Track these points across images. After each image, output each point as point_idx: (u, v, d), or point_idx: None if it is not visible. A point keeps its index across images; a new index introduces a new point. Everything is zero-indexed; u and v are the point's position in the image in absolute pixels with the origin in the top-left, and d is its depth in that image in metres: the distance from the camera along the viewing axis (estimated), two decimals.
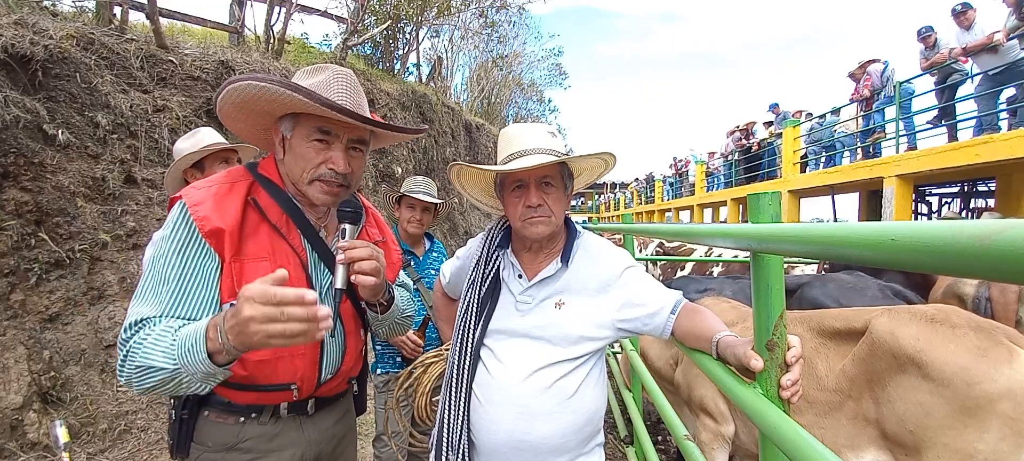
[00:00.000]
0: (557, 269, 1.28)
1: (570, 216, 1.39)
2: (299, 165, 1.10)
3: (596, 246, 1.34)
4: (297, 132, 1.10)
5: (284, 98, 1.03)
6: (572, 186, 1.33)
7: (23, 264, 3.38)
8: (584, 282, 1.28)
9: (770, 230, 0.88)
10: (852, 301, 2.73)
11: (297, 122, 1.09)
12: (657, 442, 3.44)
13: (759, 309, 0.97)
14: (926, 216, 12.10)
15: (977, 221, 0.46)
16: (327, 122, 1.09)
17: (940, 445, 1.62)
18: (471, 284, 1.34)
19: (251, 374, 1.09)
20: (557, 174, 1.26)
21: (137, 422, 3.43)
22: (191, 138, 1.93)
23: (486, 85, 15.58)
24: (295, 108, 1.07)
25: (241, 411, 1.13)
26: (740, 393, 0.98)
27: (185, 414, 1.12)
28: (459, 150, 9.63)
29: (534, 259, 1.33)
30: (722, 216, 16.88)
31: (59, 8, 4.66)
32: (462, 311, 1.33)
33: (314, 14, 7.80)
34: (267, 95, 1.03)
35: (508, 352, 1.25)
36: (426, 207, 2.33)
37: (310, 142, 1.09)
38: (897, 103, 7.92)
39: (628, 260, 1.32)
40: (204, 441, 1.12)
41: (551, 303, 1.26)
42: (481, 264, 1.35)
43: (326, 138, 1.09)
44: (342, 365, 1.23)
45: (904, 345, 1.73)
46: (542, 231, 1.25)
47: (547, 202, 1.23)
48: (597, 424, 1.31)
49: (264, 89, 1.02)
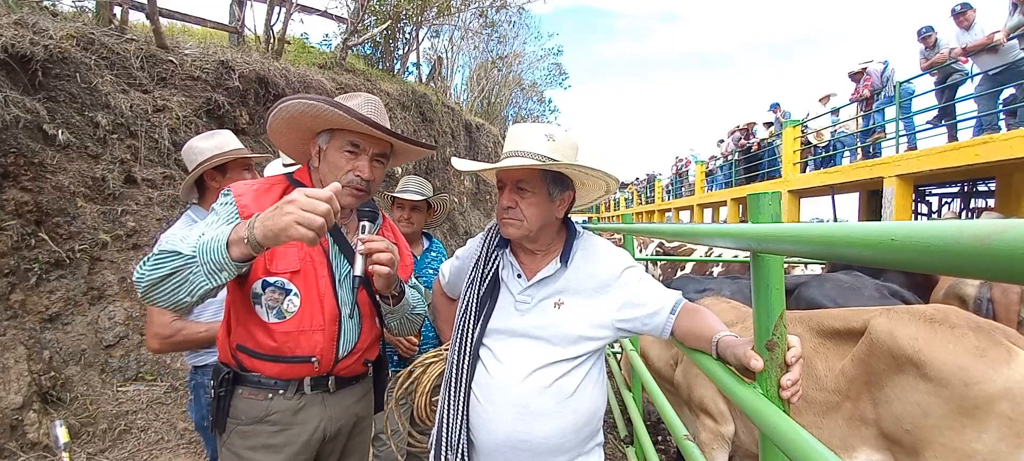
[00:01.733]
0: (556, 269, 1.28)
1: (570, 216, 1.38)
2: (330, 171, 1.29)
3: (596, 246, 1.34)
4: (332, 143, 1.30)
5: (327, 114, 1.23)
6: (564, 193, 1.29)
7: (23, 264, 3.37)
8: (583, 282, 1.28)
9: (770, 230, 0.88)
10: (849, 301, 2.72)
11: (333, 135, 1.30)
12: (657, 442, 3.44)
13: (759, 309, 0.97)
14: (926, 216, 12.09)
15: (977, 221, 0.46)
16: (358, 136, 1.29)
17: (938, 445, 1.62)
18: (470, 283, 1.35)
19: (279, 345, 1.26)
20: (536, 179, 1.24)
21: (137, 422, 3.43)
22: (212, 139, 1.88)
23: (486, 85, 15.58)
24: (334, 124, 1.28)
25: (270, 386, 1.28)
26: (740, 393, 0.98)
27: (222, 391, 1.28)
28: (459, 150, 9.62)
29: (532, 259, 1.33)
30: (722, 216, 16.88)
31: (59, 8, 4.66)
32: (461, 310, 1.34)
33: (314, 14, 7.80)
34: (313, 111, 1.24)
35: (507, 352, 1.26)
36: (416, 206, 2.34)
37: (342, 152, 1.29)
38: (897, 103, 7.93)
39: (628, 260, 1.32)
40: (238, 416, 1.28)
41: (550, 303, 1.27)
42: (480, 263, 1.36)
43: (355, 150, 1.29)
44: (358, 344, 1.37)
45: (903, 345, 1.73)
46: (511, 233, 1.26)
47: (520, 205, 1.23)
48: (596, 424, 1.32)
49: (312, 106, 1.22)
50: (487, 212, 11.23)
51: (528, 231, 1.25)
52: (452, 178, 9.25)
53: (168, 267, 1.04)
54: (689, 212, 18.52)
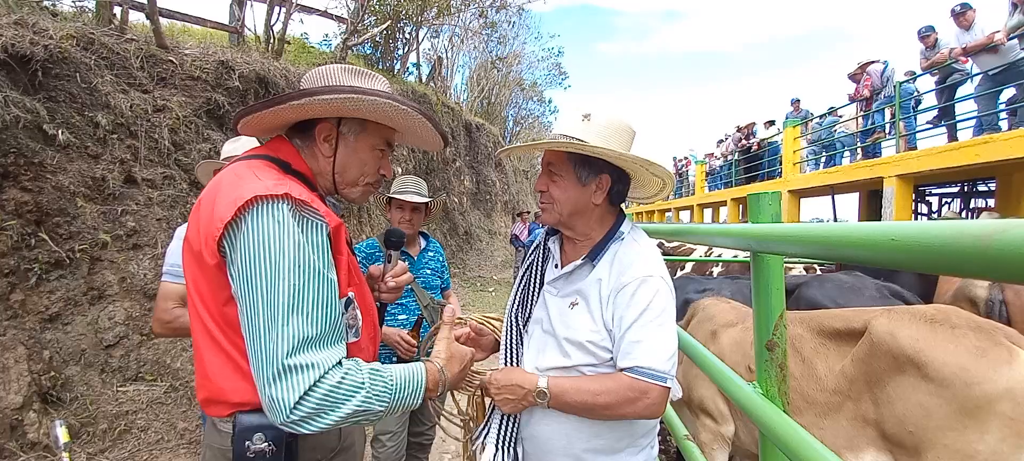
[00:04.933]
0: (581, 265, 1.22)
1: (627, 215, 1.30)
2: (359, 168, 1.13)
3: (631, 250, 1.20)
4: (364, 139, 1.12)
5: (419, 126, 1.13)
6: (598, 177, 1.19)
7: (23, 264, 3.37)
8: (599, 286, 1.18)
9: (770, 230, 0.88)
10: (850, 301, 2.72)
11: (366, 129, 1.11)
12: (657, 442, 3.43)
13: (759, 309, 0.97)
14: (926, 216, 12.09)
15: (977, 221, 0.46)
16: (394, 135, 1.17)
17: (940, 446, 1.62)
18: (521, 265, 1.38)
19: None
20: (562, 162, 1.19)
21: (137, 422, 3.42)
22: (234, 142, 2.10)
23: (486, 85, 15.59)
24: (382, 119, 1.10)
25: None
26: (739, 393, 0.98)
27: (289, 438, 0.98)
28: (459, 150, 9.63)
29: (573, 248, 1.29)
30: (722, 216, 16.87)
31: (59, 8, 4.66)
32: (512, 292, 1.37)
33: (314, 14, 7.81)
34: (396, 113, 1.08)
35: (531, 341, 1.26)
36: (416, 207, 2.34)
37: (376, 151, 1.14)
38: (897, 103, 7.92)
39: (646, 273, 1.13)
40: (310, 456, 1.06)
41: (569, 301, 1.22)
42: (537, 248, 1.37)
43: (387, 149, 1.17)
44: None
45: (903, 345, 1.73)
46: (545, 218, 1.25)
47: (550, 190, 1.22)
48: (615, 439, 1.20)
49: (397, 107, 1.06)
50: (487, 212, 11.22)
51: (559, 216, 1.22)
52: (452, 178, 9.25)
53: (356, 420, 0.91)
54: (689, 212, 18.51)
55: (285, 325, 0.86)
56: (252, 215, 0.89)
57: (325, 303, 0.90)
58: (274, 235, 0.88)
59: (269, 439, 0.95)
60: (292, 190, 0.93)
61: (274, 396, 0.85)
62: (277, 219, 0.89)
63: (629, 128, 1.21)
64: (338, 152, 1.10)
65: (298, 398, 0.84)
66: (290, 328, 0.86)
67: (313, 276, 0.89)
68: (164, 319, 1.88)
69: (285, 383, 0.84)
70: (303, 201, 0.93)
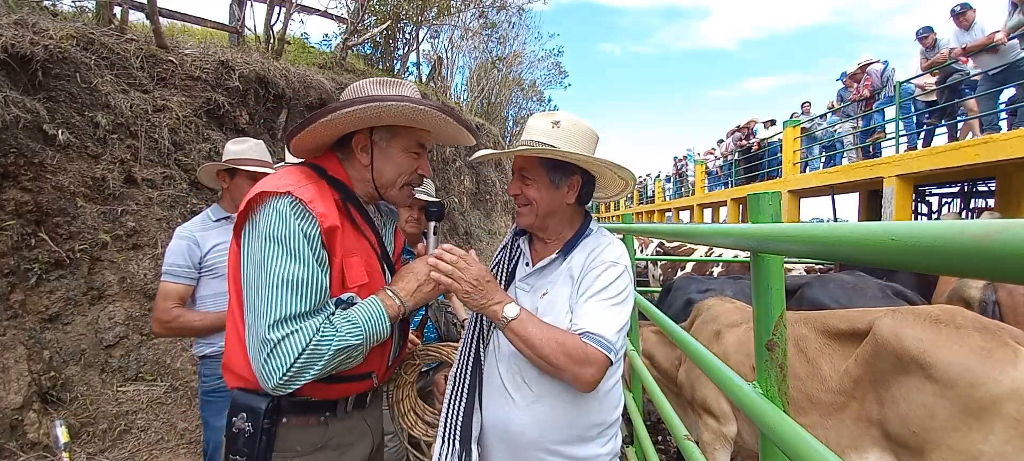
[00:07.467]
0: (554, 259, 1.29)
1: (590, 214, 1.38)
2: (395, 171, 1.22)
3: (599, 243, 1.29)
4: (397, 142, 1.21)
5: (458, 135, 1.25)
6: (569, 178, 1.27)
7: (23, 264, 3.37)
8: (571, 272, 1.25)
9: (770, 230, 0.88)
10: (853, 301, 2.71)
11: (396, 134, 1.21)
12: (657, 442, 3.44)
13: (759, 309, 0.97)
14: (926, 216, 12.08)
15: (977, 221, 0.46)
16: (427, 137, 1.25)
17: (944, 447, 1.61)
18: (492, 268, 1.40)
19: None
20: (535, 166, 1.26)
21: (137, 422, 3.42)
22: (239, 144, 2.12)
23: (486, 85, 15.58)
24: (405, 122, 1.19)
25: (320, 408, 1.16)
26: (740, 393, 0.98)
27: (267, 424, 1.07)
28: (459, 150, 9.62)
29: (543, 247, 1.35)
30: (722, 216, 16.87)
31: (59, 8, 4.66)
32: None
33: (314, 14, 7.80)
34: (418, 115, 1.15)
35: (501, 338, 1.27)
36: (423, 207, 2.34)
37: (409, 153, 1.22)
38: (897, 103, 7.92)
39: (613, 259, 1.23)
40: (290, 447, 1.12)
41: (540, 292, 1.28)
42: (505, 248, 1.41)
43: (421, 150, 1.25)
44: (399, 353, 1.35)
45: (908, 346, 1.73)
46: (522, 221, 1.30)
47: (525, 192, 1.27)
48: (585, 429, 1.24)
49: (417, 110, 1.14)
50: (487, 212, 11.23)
51: (536, 217, 1.28)
52: (452, 178, 9.25)
53: (337, 360, 1.02)
54: (689, 212, 18.51)
55: (271, 300, 0.98)
56: (260, 207, 1.05)
57: (309, 285, 1.01)
58: (274, 224, 1.02)
59: (249, 421, 1.07)
60: (297, 189, 1.04)
61: (259, 365, 0.99)
62: (278, 211, 1.03)
63: (594, 133, 1.29)
64: (374, 159, 1.20)
65: (279, 365, 0.97)
66: (275, 302, 0.98)
67: (301, 262, 1.01)
68: (164, 319, 1.89)
69: (268, 352, 0.97)
70: (304, 200, 1.04)
